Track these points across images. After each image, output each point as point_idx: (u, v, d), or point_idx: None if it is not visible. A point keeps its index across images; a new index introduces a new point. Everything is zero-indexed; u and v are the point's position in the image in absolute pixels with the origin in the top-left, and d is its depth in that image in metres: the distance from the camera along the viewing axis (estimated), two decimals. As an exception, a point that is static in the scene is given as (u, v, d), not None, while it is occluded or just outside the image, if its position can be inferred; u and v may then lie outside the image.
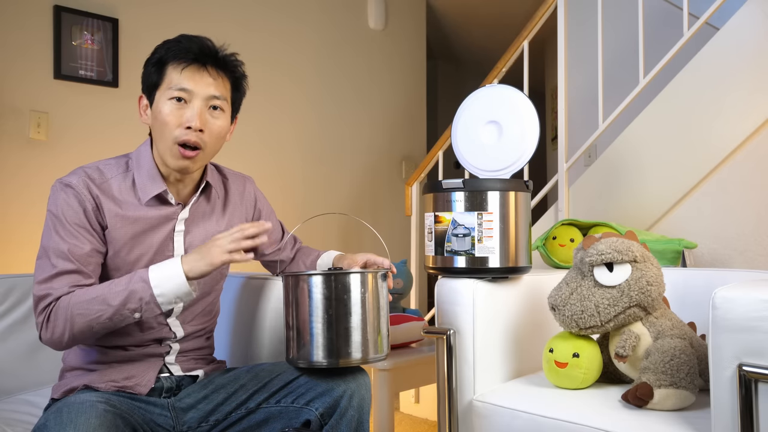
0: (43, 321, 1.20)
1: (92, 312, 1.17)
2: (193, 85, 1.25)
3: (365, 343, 1.22)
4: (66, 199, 1.23)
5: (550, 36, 3.19)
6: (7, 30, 2.43)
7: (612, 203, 2.34)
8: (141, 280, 1.18)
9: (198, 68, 1.26)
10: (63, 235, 1.21)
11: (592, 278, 1.32)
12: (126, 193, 1.28)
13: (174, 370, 1.34)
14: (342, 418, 1.25)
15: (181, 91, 1.25)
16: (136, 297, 1.17)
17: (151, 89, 1.28)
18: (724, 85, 2.08)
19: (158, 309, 1.20)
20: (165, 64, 1.26)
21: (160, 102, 1.26)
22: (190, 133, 1.25)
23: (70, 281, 1.20)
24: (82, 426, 1.06)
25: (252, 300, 1.60)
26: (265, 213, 1.54)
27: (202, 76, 1.26)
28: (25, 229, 2.43)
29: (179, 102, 1.25)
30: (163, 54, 1.27)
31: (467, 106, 1.61)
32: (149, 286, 1.18)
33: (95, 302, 1.17)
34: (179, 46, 1.26)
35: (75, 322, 1.17)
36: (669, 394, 1.20)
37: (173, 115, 1.25)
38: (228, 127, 1.33)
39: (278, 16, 3.27)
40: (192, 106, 1.26)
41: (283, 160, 3.29)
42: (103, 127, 2.64)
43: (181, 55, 1.26)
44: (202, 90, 1.26)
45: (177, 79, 1.25)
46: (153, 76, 1.27)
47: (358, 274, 1.23)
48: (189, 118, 1.25)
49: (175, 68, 1.26)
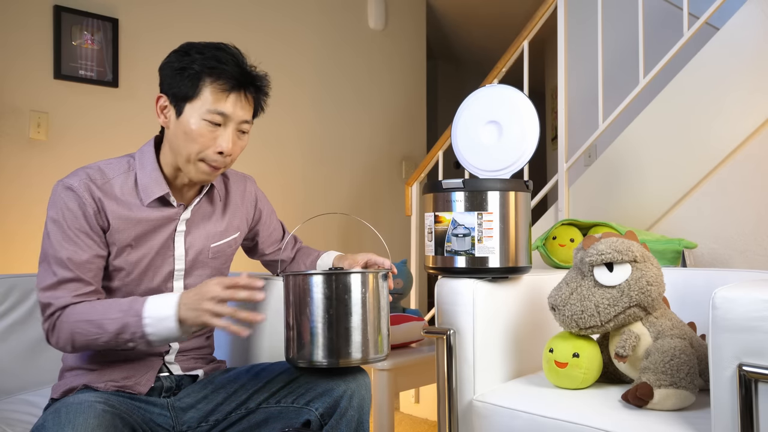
0: (49, 329, 1.21)
1: (90, 334, 1.18)
2: (233, 111, 1.25)
3: (365, 343, 1.22)
4: (66, 203, 1.22)
5: (550, 36, 3.19)
6: (7, 30, 2.43)
7: (612, 203, 2.34)
8: (135, 315, 1.16)
9: (238, 95, 1.25)
10: (63, 241, 1.21)
11: (592, 278, 1.32)
12: (128, 193, 1.28)
13: (174, 370, 1.34)
14: (342, 418, 1.25)
15: (219, 116, 1.24)
16: (129, 330, 1.17)
17: (181, 99, 1.25)
18: (724, 85, 2.08)
19: (150, 347, 1.19)
20: (201, 80, 1.23)
21: (193, 118, 1.24)
22: (219, 158, 1.26)
23: (71, 290, 1.21)
24: (81, 426, 1.06)
25: (252, 300, 1.60)
26: (266, 213, 1.54)
27: (240, 102, 1.26)
28: (25, 229, 2.43)
29: (214, 124, 1.24)
30: (200, 68, 1.23)
31: (467, 106, 1.61)
32: (141, 324, 1.16)
33: (92, 325, 1.17)
34: (221, 67, 1.23)
35: (75, 339, 1.19)
36: (669, 394, 1.20)
37: (206, 136, 1.24)
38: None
39: (278, 17, 3.27)
40: (227, 130, 1.25)
41: (283, 160, 3.29)
42: (103, 127, 2.64)
43: (223, 77, 1.23)
44: (239, 116, 1.26)
45: (216, 103, 1.23)
46: (185, 88, 1.24)
47: (359, 274, 1.23)
48: (222, 144, 1.25)
49: (215, 90, 1.23)
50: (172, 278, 1.33)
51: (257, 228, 1.53)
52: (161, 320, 1.16)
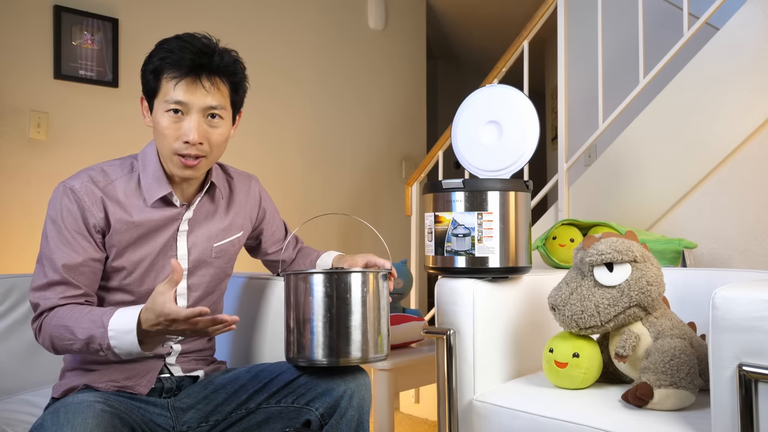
0: (36, 329, 1.23)
1: (65, 339, 1.18)
2: (188, 98, 1.22)
3: (365, 343, 1.22)
4: (67, 204, 1.23)
5: (550, 36, 3.19)
6: (8, 30, 2.43)
7: (612, 203, 2.34)
8: (102, 326, 1.14)
9: (192, 81, 1.22)
10: (59, 242, 1.22)
11: (592, 278, 1.32)
12: (131, 195, 1.28)
13: (174, 371, 1.34)
14: (342, 418, 1.25)
15: (176, 104, 1.23)
16: (96, 341, 1.15)
17: (150, 96, 1.27)
18: (724, 85, 2.08)
19: (118, 358, 1.17)
20: (160, 73, 1.24)
21: (158, 113, 1.25)
22: (189, 147, 1.24)
23: (58, 292, 1.21)
24: (80, 426, 1.06)
25: (253, 300, 1.60)
26: (270, 212, 1.54)
27: (197, 89, 1.23)
28: (25, 229, 2.43)
29: (176, 114, 1.23)
30: (158, 64, 1.23)
31: (467, 106, 1.61)
32: (107, 336, 1.14)
33: (66, 330, 1.17)
34: (173, 57, 1.22)
35: (54, 343, 1.20)
36: (669, 394, 1.20)
37: (170, 128, 1.23)
38: (229, 131, 1.31)
39: (278, 17, 3.27)
40: (189, 119, 1.23)
41: (283, 160, 3.29)
42: (103, 127, 2.64)
43: (174, 66, 1.22)
44: (198, 102, 1.23)
45: (172, 93, 1.22)
46: (150, 84, 1.26)
47: (360, 274, 1.23)
48: (186, 132, 1.23)
49: (169, 81, 1.22)
50: None
51: (261, 227, 1.53)
52: (124, 333, 1.13)
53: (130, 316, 1.13)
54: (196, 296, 1.36)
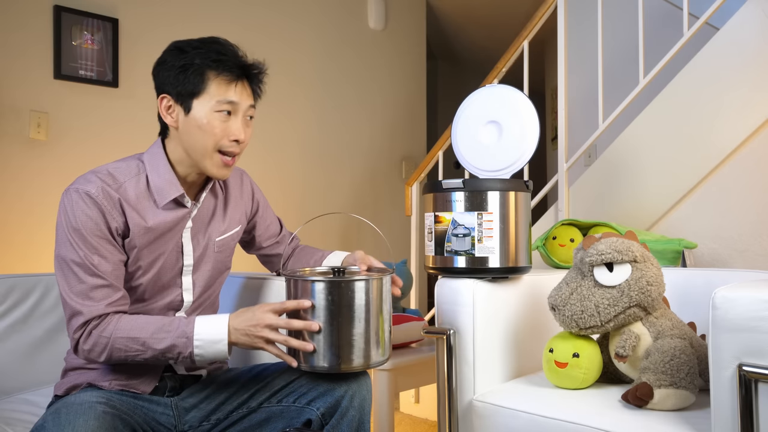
0: (80, 338, 1.21)
1: (131, 350, 1.20)
2: (239, 99, 1.29)
3: (368, 350, 1.21)
4: (85, 210, 1.21)
5: (550, 36, 3.18)
6: (8, 30, 2.43)
7: (612, 203, 2.34)
8: (184, 336, 1.19)
9: (243, 84, 1.31)
10: (86, 249, 1.21)
11: (592, 278, 1.32)
12: (142, 197, 1.28)
13: (177, 370, 1.35)
14: (343, 417, 1.25)
15: (229, 104, 1.28)
16: (176, 351, 1.20)
17: (187, 96, 1.27)
18: (723, 85, 2.08)
19: (193, 363, 1.23)
20: (205, 73, 1.26)
21: (203, 112, 1.26)
22: (235, 145, 1.30)
23: (101, 297, 1.21)
24: (81, 427, 1.06)
25: (252, 300, 1.60)
26: (263, 205, 1.56)
27: (245, 90, 1.31)
28: (25, 229, 2.43)
29: (227, 114, 1.28)
30: (202, 63, 1.26)
31: (467, 106, 1.61)
32: (191, 345, 1.19)
33: (136, 342, 1.19)
34: (223, 59, 1.27)
35: (113, 354, 1.20)
36: (669, 394, 1.20)
37: (220, 127, 1.28)
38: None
39: (278, 17, 3.27)
40: (237, 119, 1.30)
41: (283, 160, 3.29)
42: (103, 127, 2.64)
43: (227, 68, 1.27)
44: (245, 102, 1.31)
45: (225, 93, 1.27)
46: (190, 85, 1.26)
47: (363, 281, 1.21)
48: (236, 132, 1.29)
49: (221, 82, 1.27)
50: (181, 274, 1.34)
51: (255, 220, 1.54)
52: (213, 343, 1.20)
53: (219, 327, 1.20)
54: (198, 291, 1.37)
